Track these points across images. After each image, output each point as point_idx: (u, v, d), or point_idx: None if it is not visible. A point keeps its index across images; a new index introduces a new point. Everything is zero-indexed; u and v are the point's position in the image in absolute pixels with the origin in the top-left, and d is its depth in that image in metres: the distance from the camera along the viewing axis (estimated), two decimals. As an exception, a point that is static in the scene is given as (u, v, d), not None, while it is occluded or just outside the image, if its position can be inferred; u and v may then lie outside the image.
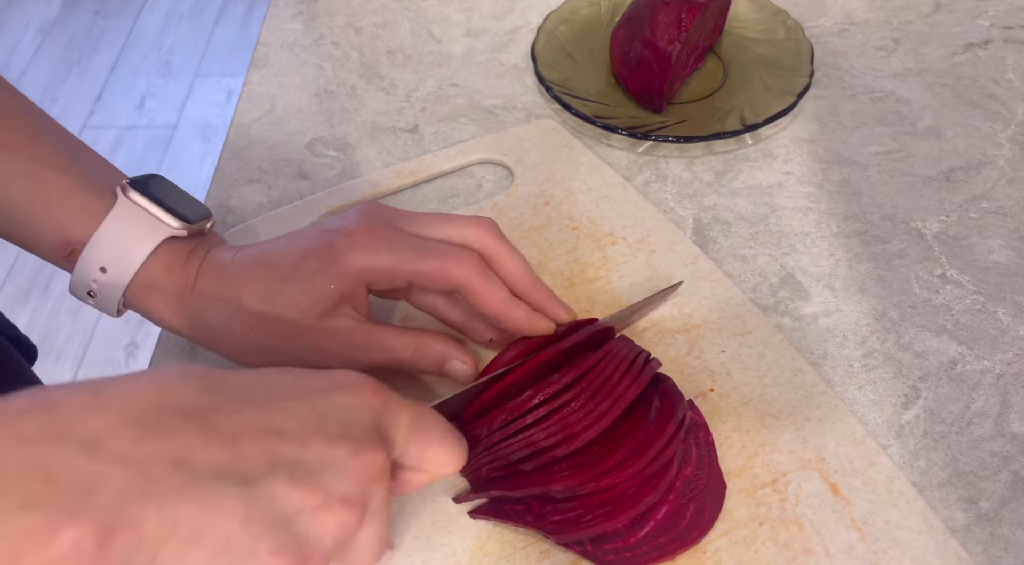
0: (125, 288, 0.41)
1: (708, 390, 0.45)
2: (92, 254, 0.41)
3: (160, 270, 0.42)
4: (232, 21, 2.27)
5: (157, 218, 0.41)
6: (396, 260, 0.40)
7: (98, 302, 0.43)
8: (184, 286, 0.42)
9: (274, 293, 0.40)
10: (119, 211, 0.41)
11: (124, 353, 1.57)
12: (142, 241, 0.41)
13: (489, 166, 0.58)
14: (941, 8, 0.70)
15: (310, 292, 0.40)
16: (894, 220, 0.54)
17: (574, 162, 0.57)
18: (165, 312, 0.42)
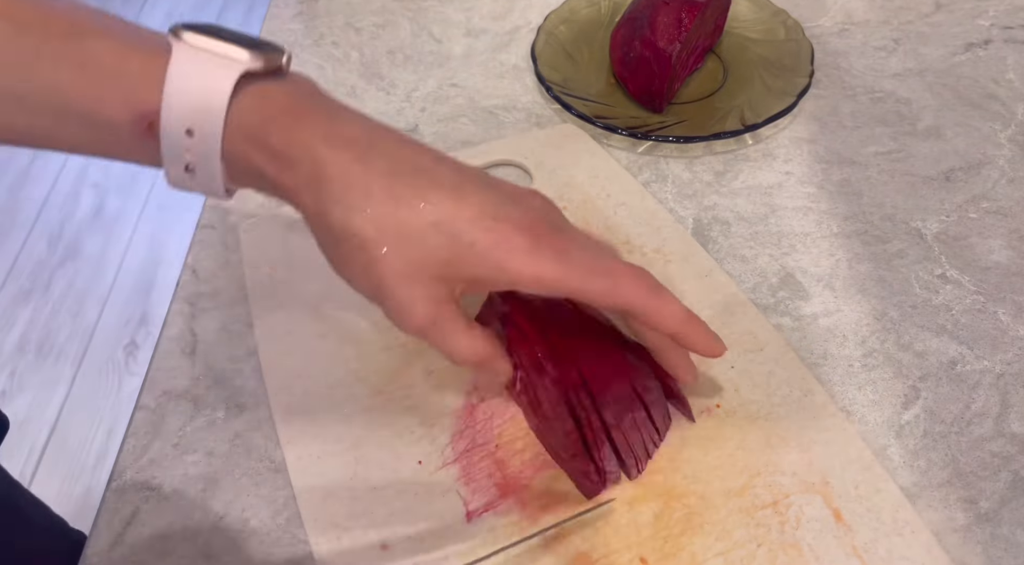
0: (221, 144, 0.35)
1: (715, 406, 0.44)
2: (171, 117, 0.34)
3: (256, 117, 0.35)
4: (232, 21, 2.27)
5: (221, 54, 0.35)
6: (564, 275, 0.36)
7: (200, 179, 0.36)
8: (299, 133, 0.35)
9: (416, 229, 0.35)
10: (180, 58, 0.34)
11: (124, 353, 1.57)
12: (217, 82, 0.34)
13: (508, 168, 0.58)
14: (941, 8, 0.70)
15: (454, 256, 0.35)
16: (894, 220, 0.54)
17: (594, 168, 0.57)
18: (272, 169, 0.35)
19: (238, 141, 0.35)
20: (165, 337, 0.49)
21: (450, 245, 0.35)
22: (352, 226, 0.35)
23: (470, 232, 0.35)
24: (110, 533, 0.41)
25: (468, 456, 0.42)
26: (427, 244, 0.35)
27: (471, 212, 0.35)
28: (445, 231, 0.35)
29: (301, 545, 0.40)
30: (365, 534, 0.40)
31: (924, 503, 0.41)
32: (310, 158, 0.35)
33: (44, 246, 1.75)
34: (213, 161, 0.35)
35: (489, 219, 0.35)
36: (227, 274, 0.52)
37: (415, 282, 0.36)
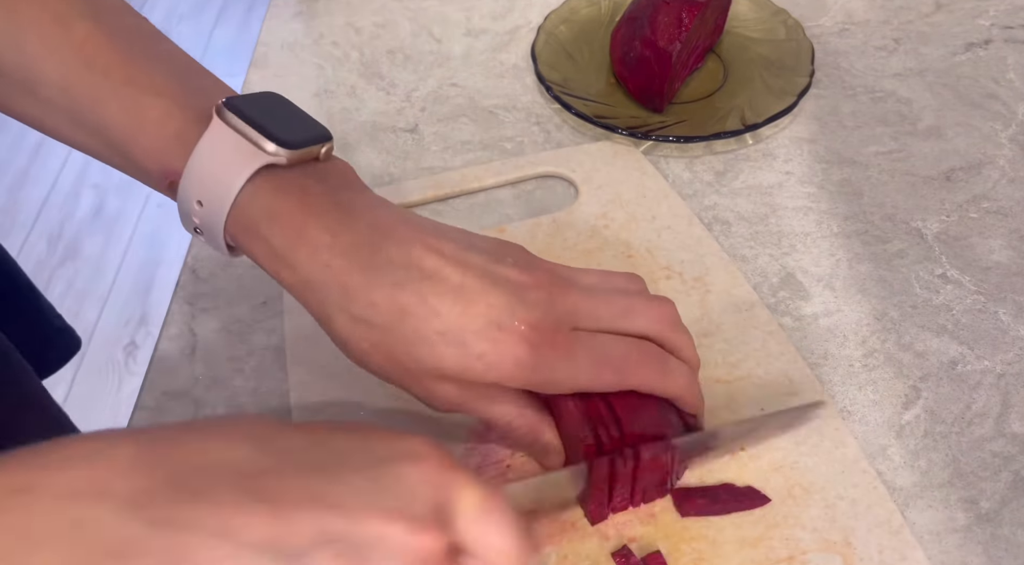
0: (224, 224, 0.36)
1: (739, 448, 0.42)
2: (188, 185, 0.36)
3: (263, 213, 0.36)
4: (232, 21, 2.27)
5: (251, 141, 0.35)
6: (573, 378, 0.37)
7: (208, 240, 0.38)
8: (300, 243, 0.36)
9: (423, 338, 0.35)
10: (212, 135, 0.36)
11: (124, 353, 1.57)
12: (235, 169, 0.35)
13: (555, 180, 0.57)
14: (941, 8, 0.70)
15: (463, 365, 0.36)
16: (894, 220, 0.54)
17: (642, 187, 0.55)
18: (273, 265, 0.36)
19: (241, 228, 0.36)
20: (165, 337, 0.49)
21: (459, 354, 0.35)
22: (358, 334, 0.36)
23: (477, 344, 0.35)
24: (110, 533, 0.41)
25: (478, 473, 0.41)
26: (438, 352, 0.35)
27: (477, 323, 0.35)
28: (453, 341, 0.35)
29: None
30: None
31: (924, 503, 0.41)
32: (310, 265, 0.36)
33: (44, 246, 1.75)
34: (217, 233, 0.37)
35: (495, 330, 0.35)
36: (227, 274, 0.52)
37: (431, 378, 0.37)
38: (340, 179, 0.38)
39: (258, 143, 0.35)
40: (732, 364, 0.46)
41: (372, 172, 0.58)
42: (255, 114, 0.36)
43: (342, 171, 0.39)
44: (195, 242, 0.54)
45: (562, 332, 0.37)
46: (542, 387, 0.37)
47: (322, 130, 0.38)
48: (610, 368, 0.37)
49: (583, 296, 0.38)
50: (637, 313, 0.39)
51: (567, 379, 0.37)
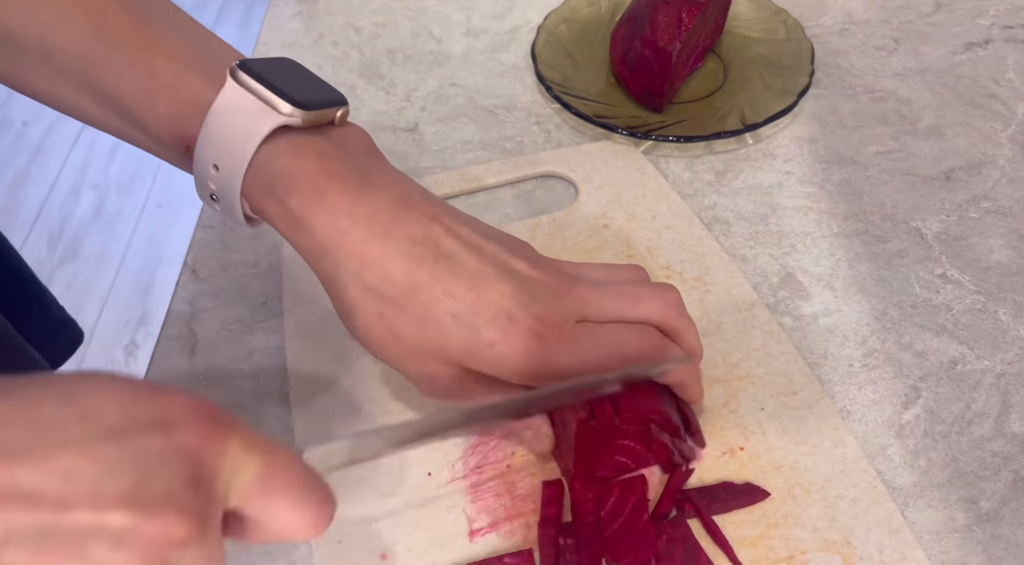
0: (241, 188, 0.36)
1: (738, 448, 0.42)
2: (203, 149, 0.35)
3: (280, 173, 0.35)
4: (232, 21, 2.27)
5: (266, 101, 0.35)
6: (579, 366, 0.37)
7: (224, 208, 0.37)
8: (319, 205, 0.35)
9: (434, 317, 0.35)
10: (226, 97, 0.35)
11: (124, 353, 1.57)
12: (251, 130, 0.35)
13: (555, 180, 0.57)
14: (941, 8, 0.70)
15: (471, 349, 0.36)
16: (894, 220, 0.54)
17: (643, 187, 0.56)
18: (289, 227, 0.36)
19: (257, 191, 0.36)
20: (165, 337, 0.49)
21: (469, 338, 0.35)
22: (369, 304, 0.35)
23: (489, 331, 0.35)
24: (110, 533, 0.41)
25: (478, 473, 0.42)
26: (446, 332, 0.35)
27: (490, 311, 0.35)
28: (464, 324, 0.35)
29: (301, 548, 0.40)
30: (366, 541, 0.40)
31: (924, 503, 0.41)
32: (328, 230, 0.35)
33: (44, 246, 1.75)
34: (234, 198, 0.36)
35: (505, 319, 0.35)
36: (227, 274, 0.52)
37: (434, 359, 0.36)
38: (358, 144, 0.38)
39: (273, 104, 0.35)
40: (732, 364, 0.46)
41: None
42: (269, 75, 0.35)
43: (360, 137, 0.38)
44: (195, 242, 0.54)
45: (568, 325, 0.37)
46: (547, 378, 0.37)
47: (338, 95, 0.38)
48: (613, 354, 0.37)
49: (590, 289, 0.38)
50: (642, 300, 0.39)
51: (571, 369, 0.37)
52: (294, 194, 0.35)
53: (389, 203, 0.36)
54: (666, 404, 0.40)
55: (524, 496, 0.41)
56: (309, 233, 0.35)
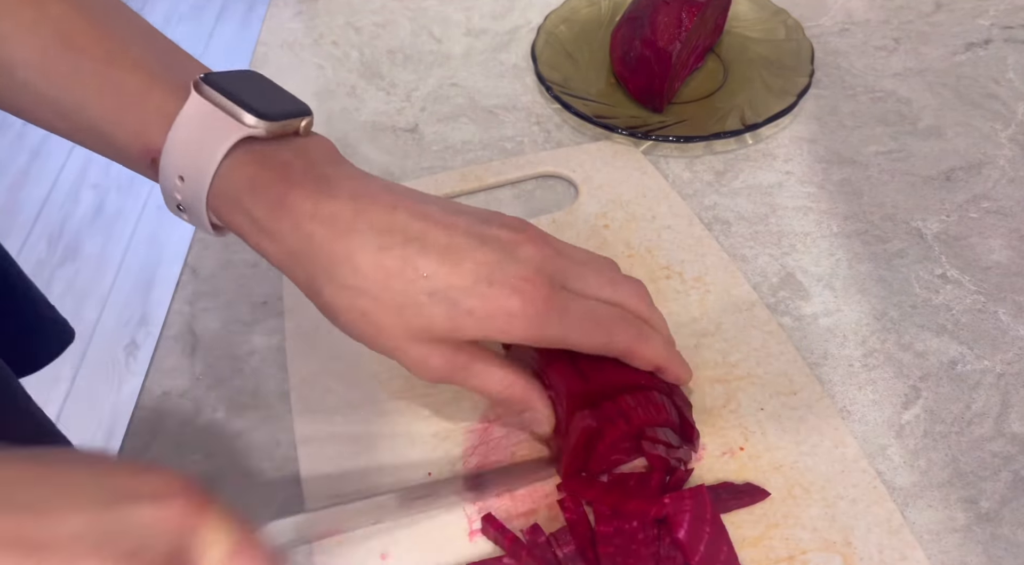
0: (206, 200, 0.36)
1: (738, 448, 0.42)
2: (169, 161, 0.36)
3: (244, 184, 0.35)
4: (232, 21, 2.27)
5: (230, 114, 0.35)
6: (564, 337, 0.37)
7: (191, 218, 0.38)
8: (283, 213, 0.35)
9: (412, 301, 0.35)
10: (190, 108, 0.35)
11: (124, 353, 1.57)
12: (214, 142, 0.35)
13: (555, 180, 0.57)
14: (941, 8, 0.70)
15: (453, 323, 0.35)
16: (894, 220, 0.54)
17: (643, 187, 0.55)
18: (257, 238, 0.36)
19: (223, 202, 0.36)
20: (165, 337, 0.49)
21: (449, 313, 0.35)
22: (346, 302, 0.35)
23: (467, 300, 0.35)
24: (110, 533, 0.41)
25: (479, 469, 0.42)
26: (426, 313, 0.35)
27: (466, 280, 0.35)
28: (442, 300, 0.35)
29: (301, 546, 0.40)
30: (366, 541, 0.40)
31: (924, 503, 0.41)
32: (293, 233, 0.35)
33: (44, 246, 1.75)
34: (200, 208, 0.37)
35: (484, 285, 0.35)
36: (227, 274, 0.52)
37: (423, 344, 0.36)
38: (321, 153, 0.38)
39: (236, 115, 0.35)
40: (732, 364, 0.46)
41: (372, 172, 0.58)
42: (233, 88, 0.36)
43: (323, 146, 0.38)
44: (195, 242, 0.54)
45: (554, 288, 0.37)
46: (533, 341, 0.36)
47: (302, 106, 0.38)
48: (599, 329, 0.37)
49: (572, 262, 0.38)
50: (620, 283, 0.40)
51: (558, 335, 0.36)
52: (258, 204, 0.35)
53: (349, 199, 0.36)
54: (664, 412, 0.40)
55: (524, 496, 0.41)
56: (276, 241, 0.36)
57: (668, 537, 0.37)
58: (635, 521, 0.38)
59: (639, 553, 0.37)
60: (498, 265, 0.36)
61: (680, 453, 0.41)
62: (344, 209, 0.35)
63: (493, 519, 0.39)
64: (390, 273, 0.35)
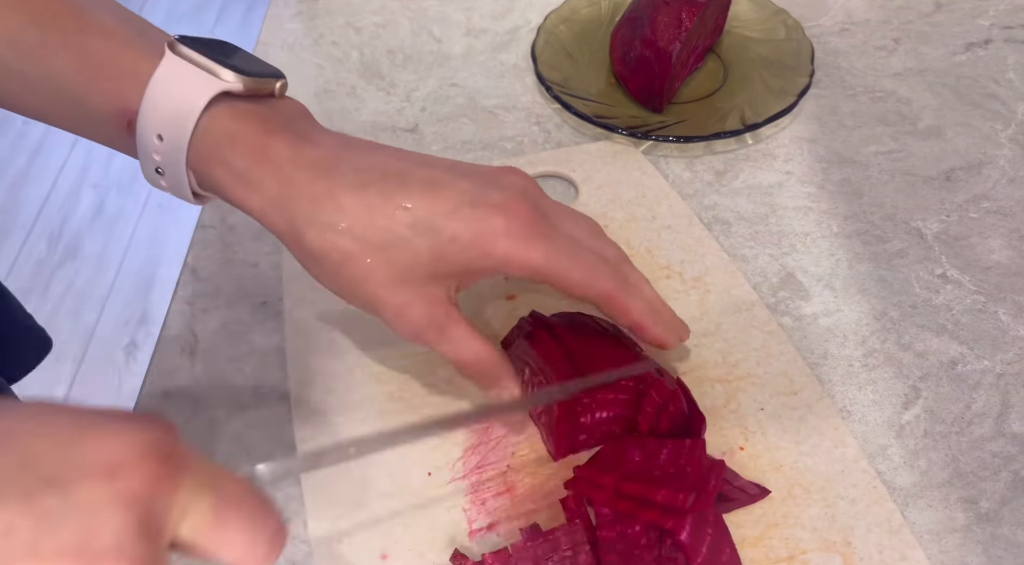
0: (186, 157, 0.36)
1: (738, 448, 0.42)
2: (146, 119, 0.36)
3: (224, 136, 0.35)
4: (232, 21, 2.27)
5: (207, 70, 0.35)
6: (549, 262, 0.36)
7: (169, 182, 0.37)
8: (262, 163, 0.35)
9: (395, 235, 0.35)
10: (167, 66, 0.35)
11: (124, 353, 1.57)
12: (193, 96, 0.35)
13: (555, 180, 0.57)
14: (941, 8, 0.70)
15: (437, 256, 0.35)
16: (894, 220, 0.54)
17: (643, 187, 0.55)
18: (238, 190, 0.36)
19: (203, 157, 0.36)
20: (165, 337, 0.49)
21: (433, 243, 0.35)
22: (329, 243, 0.35)
23: (450, 226, 0.35)
24: (110, 533, 0.41)
25: (478, 473, 0.42)
26: (410, 247, 0.35)
27: (447, 206, 0.35)
28: (425, 230, 0.35)
29: (301, 546, 0.40)
30: (366, 540, 0.40)
31: (924, 503, 0.41)
32: (275, 179, 0.35)
33: (44, 246, 1.75)
34: (180, 168, 0.36)
35: (467, 208, 0.35)
36: (227, 274, 0.52)
37: (406, 286, 0.36)
38: (297, 112, 0.38)
39: (214, 71, 0.35)
40: (732, 364, 0.46)
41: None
42: (207, 48, 0.36)
43: (298, 106, 0.39)
44: (195, 242, 0.54)
45: (538, 212, 0.36)
46: (518, 265, 0.36)
47: (276, 69, 0.38)
48: (584, 264, 0.37)
49: (557, 205, 0.39)
50: (603, 239, 0.40)
51: (542, 259, 0.36)
52: (239, 155, 0.35)
53: (330, 147, 0.36)
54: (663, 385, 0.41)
55: (524, 496, 0.41)
56: (258, 190, 0.36)
57: (670, 539, 0.37)
58: (638, 525, 0.38)
59: (642, 557, 0.37)
60: (481, 191, 0.36)
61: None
62: (324, 154, 0.36)
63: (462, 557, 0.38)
64: (372, 208, 0.35)
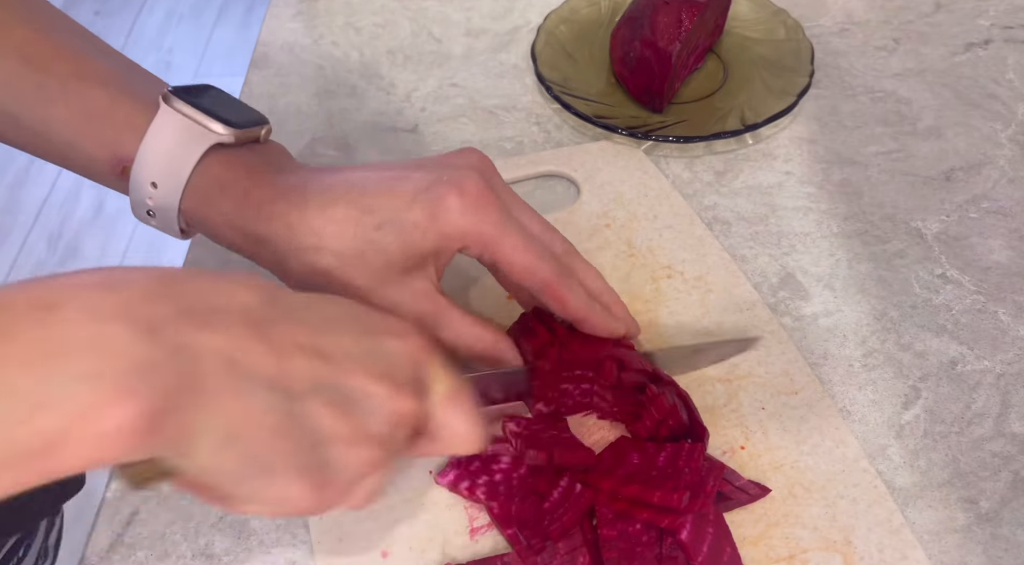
0: (179, 203, 0.39)
1: (739, 447, 0.42)
2: (141, 169, 0.38)
3: (213, 184, 0.39)
4: (232, 21, 2.27)
5: (200, 124, 0.38)
6: (499, 235, 0.38)
7: (160, 223, 0.40)
8: (246, 204, 0.38)
9: (365, 240, 0.38)
10: (162, 120, 0.38)
11: (124, 353, 1.57)
12: (187, 149, 0.38)
13: (556, 180, 0.57)
14: (941, 8, 0.70)
15: (406, 245, 0.38)
16: (894, 220, 0.54)
17: (644, 186, 0.56)
18: (227, 232, 0.39)
19: (193, 201, 0.39)
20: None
21: (399, 237, 0.38)
22: (309, 266, 0.38)
23: (410, 216, 0.38)
24: (110, 533, 0.41)
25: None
26: (381, 247, 0.38)
27: (405, 198, 0.38)
28: (390, 228, 0.38)
29: (301, 545, 0.40)
30: (367, 539, 0.40)
31: (924, 503, 0.41)
32: (258, 219, 0.38)
33: (44, 246, 1.75)
34: (172, 212, 0.39)
35: (423, 195, 0.38)
36: (227, 274, 0.52)
37: (388, 287, 0.39)
38: (278, 154, 0.41)
39: (207, 125, 0.38)
40: (733, 363, 0.46)
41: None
42: (199, 100, 0.39)
43: (281, 150, 0.42)
44: (195, 243, 0.54)
45: (491, 189, 0.39)
46: (474, 239, 0.38)
47: (260, 115, 0.41)
48: (530, 252, 0.39)
49: (512, 197, 0.41)
50: (553, 232, 0.42)
51: (495, 232, 0.38)
52: (227, 199, 0.38)
53: (301, 176, 0.39)
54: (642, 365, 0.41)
55: None
56: (244, 231, 0.39)
57: (671, 538, 0.37)
58: (638, 523, 0.38)
59: (643, 555, 0.37)
60: (435, 176, 0.38)
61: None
62: (296, 186, 0.39)
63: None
64: (340, 221, 0.38)
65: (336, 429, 0.29)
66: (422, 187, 0.38)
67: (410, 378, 0.31)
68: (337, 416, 0.29)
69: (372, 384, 0.30)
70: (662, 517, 0.37)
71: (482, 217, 0.38)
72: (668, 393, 0.41)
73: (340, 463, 0.29)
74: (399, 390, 0.31)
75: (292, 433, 0.28)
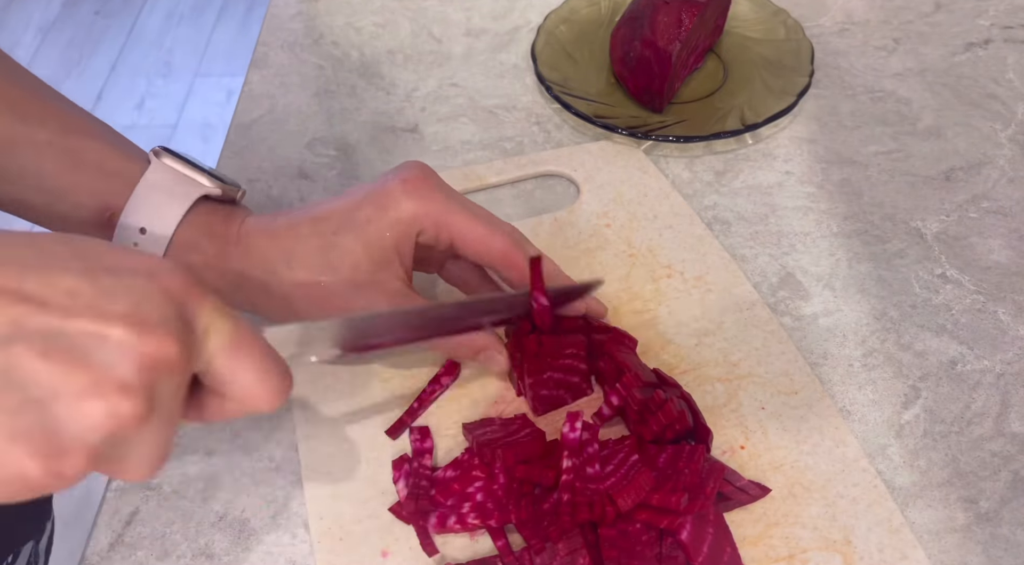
0: (166, 248, 0.41)
1: (739, 447, 0.42)
2: (131, 215, 0.41)
3: (199, 230, 0.42)
4: (232, 21, 2.27)
5: (191, 178, 0.42)
6: (450, 211, 0.41)
7: None
8: (226, 245, 0.42)
9: (328, 246, 0.40)
10: (154, 172, 0.42)
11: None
12: (178, 199, 0.41)
13: (556, 180, 0.57)
14: (941, 8, 0.70)
15: (366, 242, 0.40)
16: (894, 220, 0.54)
17: (644, 186, 0.56)
18: (207, 273, 0.42)
19: (180, 245, 0.41)
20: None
21: (357, 235, 0.41)
22: (288, 287, 0.41)
23: (362, 213, 0.41)
24: (110, 533, 0.41)
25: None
26: (344, 249, 0.40)
27: (356, 200, 0.41)
28: (346, 228, 0.41)
29: (301, 545, 0.40)
30: (367, 538, 0.40)
31: (924, 503, 0.41)
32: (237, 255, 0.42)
33: (44, 246, 1.75)
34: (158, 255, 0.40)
35: (372, 196, 0.41)
36: (227, 274, 0.52)
37: (361, 291, 0.41)
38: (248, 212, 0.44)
39: (195, 178, 0.42)
40: (733, 363, 0.46)
41: (372, 172, 0.58)
42: (186, 158, 0.43)
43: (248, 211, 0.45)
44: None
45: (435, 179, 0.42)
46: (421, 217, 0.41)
47: (234, 180, 0.44)
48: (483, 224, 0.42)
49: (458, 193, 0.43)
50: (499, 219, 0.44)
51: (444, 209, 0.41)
52: (211, 243, 0.42)
53: (273, 217, 0.43)
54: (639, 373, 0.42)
55: None
56: (227, 271, 0.42)
57: (670, 538, 0.37)
58: (638, 523, 0.38)
59: (643, 554, 0.37)
60: (382, 180, 0.42)
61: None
62: (268, 223, 0.42)
63: None
64: (305, 236, 0.41)
65: (59, 382, 0.25)
66: (369, 187, 0.42)
67: (165, 318, 0.27)
68: (58, 366, 0.25)
69: (102, 325, 0.25)
70: (662, 518, 0.37)
71: (428, 196, 0.41)
72: (675, 398, 0.41)
73: (73, 422, 0.25)
74: (149, 330, 0.26)
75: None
